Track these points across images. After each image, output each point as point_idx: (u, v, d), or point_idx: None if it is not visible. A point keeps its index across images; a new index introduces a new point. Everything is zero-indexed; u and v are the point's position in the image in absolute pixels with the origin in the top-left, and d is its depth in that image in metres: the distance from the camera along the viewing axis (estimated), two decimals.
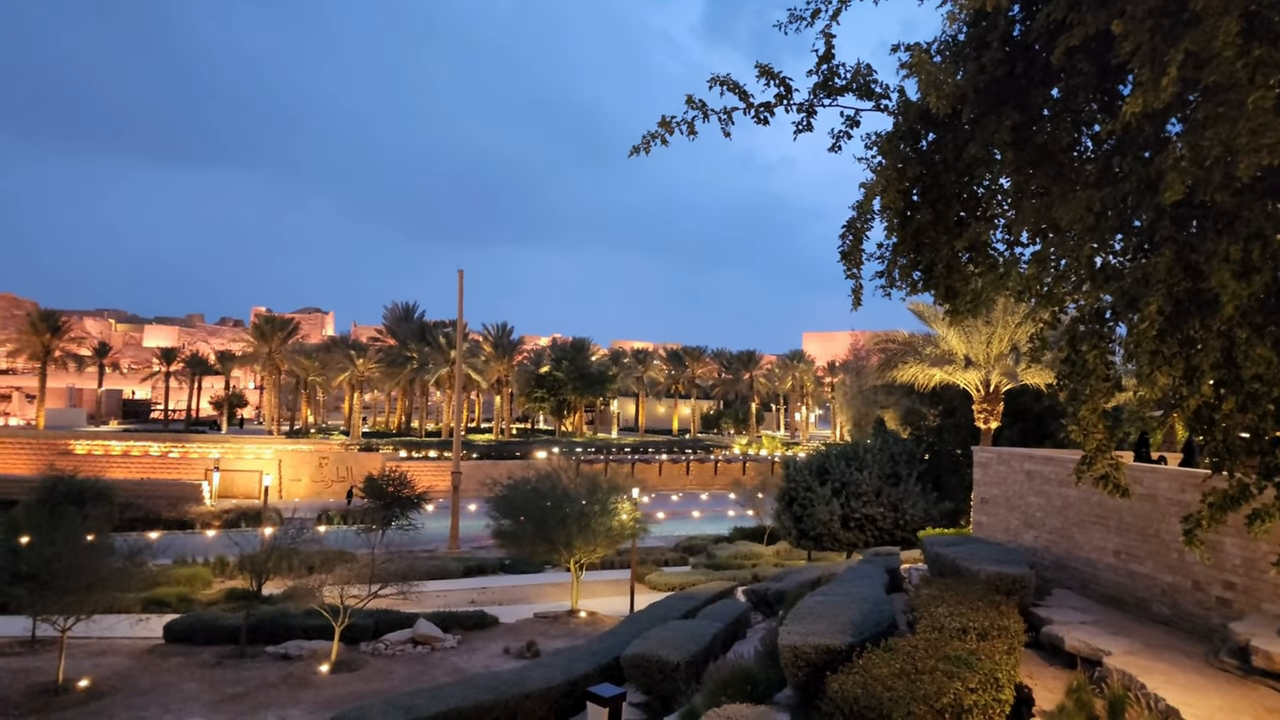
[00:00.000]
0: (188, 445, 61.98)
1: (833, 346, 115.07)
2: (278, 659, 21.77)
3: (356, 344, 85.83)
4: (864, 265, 6.80)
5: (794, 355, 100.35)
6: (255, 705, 18.19)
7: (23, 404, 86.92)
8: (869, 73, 6.36)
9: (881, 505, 29.91)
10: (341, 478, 60.39)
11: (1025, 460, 14.79)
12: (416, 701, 14.01)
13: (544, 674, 15.93)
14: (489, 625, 25.94)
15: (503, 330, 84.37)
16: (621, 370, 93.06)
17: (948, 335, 26.37)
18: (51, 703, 18.20)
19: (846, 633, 9.67)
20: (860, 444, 32.24)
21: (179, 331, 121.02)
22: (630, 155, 6.41)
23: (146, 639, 23.47)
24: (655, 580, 32.90)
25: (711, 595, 23.79)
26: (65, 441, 61.15)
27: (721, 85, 6.11)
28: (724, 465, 72.61)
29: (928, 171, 6.36)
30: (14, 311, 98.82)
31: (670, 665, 14.10)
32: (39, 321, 77.55)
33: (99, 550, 21.28)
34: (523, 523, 28.54)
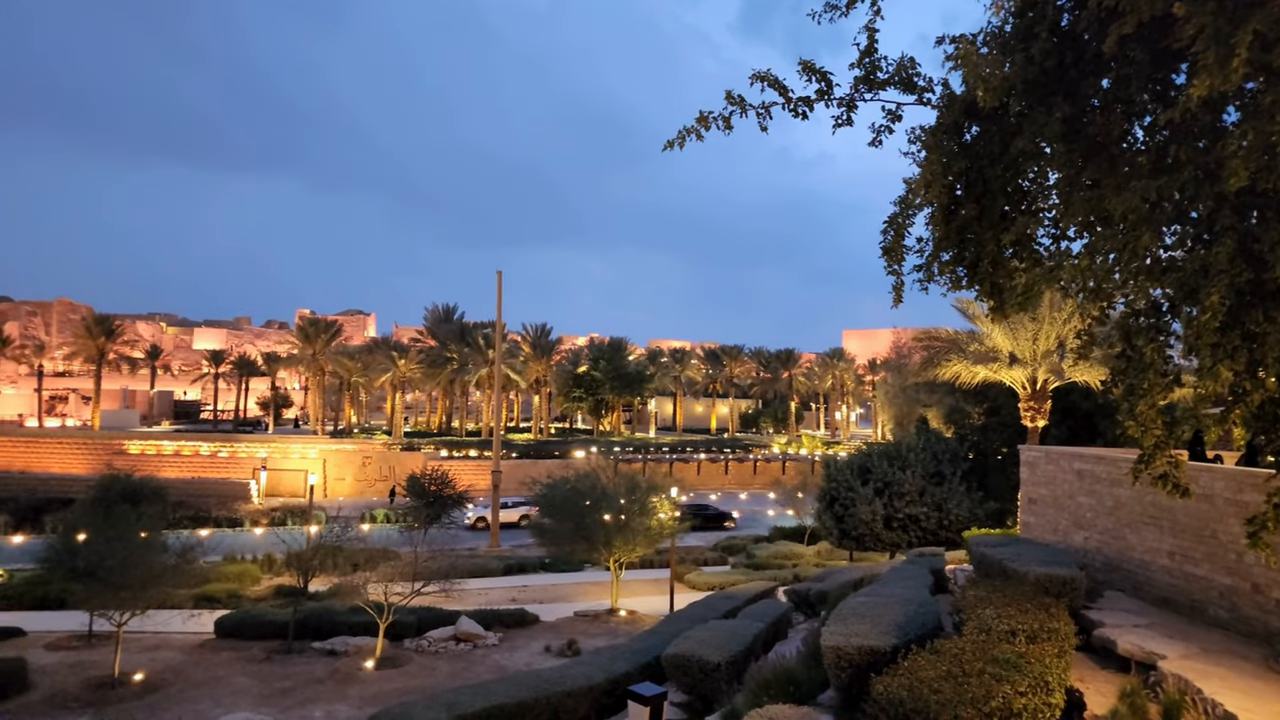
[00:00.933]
0: (236, 445, 63.36)
1: (873, 344, 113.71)
2: (324, 655, 22.17)
3: (398, 345, 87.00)
4: (905, 261, 6.71)
5: (834, 353, 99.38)
6: (303, 700, 18.54)
7: (79, 405, 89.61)
8: (912, 66, 6.26)
9: (925, 505, 29.48)
10: (384, 477, 61.25)
11: (1075, 459, 14.46)
12: (460, 698, 14.15)
13: (585, 672, 15.99)
14: (530, 623, 26.12)
15: (541, 330, 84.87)
16: (659, 370, 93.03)
17: (992, 332, 25.89)
18: (108, 695, 18.75)
19: (891, 634, 9.54)
20: (903, 443, 31.78)
21: (227, 334, 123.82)
22: (665, 149, 6.38)
23: (198, 634, 24.07)
24: (695, 580, 32.84)
25: (752, 595, 23.67)
26: (120, 442, 62.92)
27: (762, 81, 6.06)
28: (763, 465, 72.19)
29: (972, 165, 6.24)
30: (70, 316, 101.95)
31: (711, 665, 14.05)
32: (94, 325, 79.94)
33: (152, 547, 21.86)
34: (562, 521, 28.69)
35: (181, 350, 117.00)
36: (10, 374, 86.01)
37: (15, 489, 53.38)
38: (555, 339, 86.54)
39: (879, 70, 6.28)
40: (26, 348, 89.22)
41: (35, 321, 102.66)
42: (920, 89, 6.33)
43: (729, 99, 6.09)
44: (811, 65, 6.18)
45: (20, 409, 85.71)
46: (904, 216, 6.45)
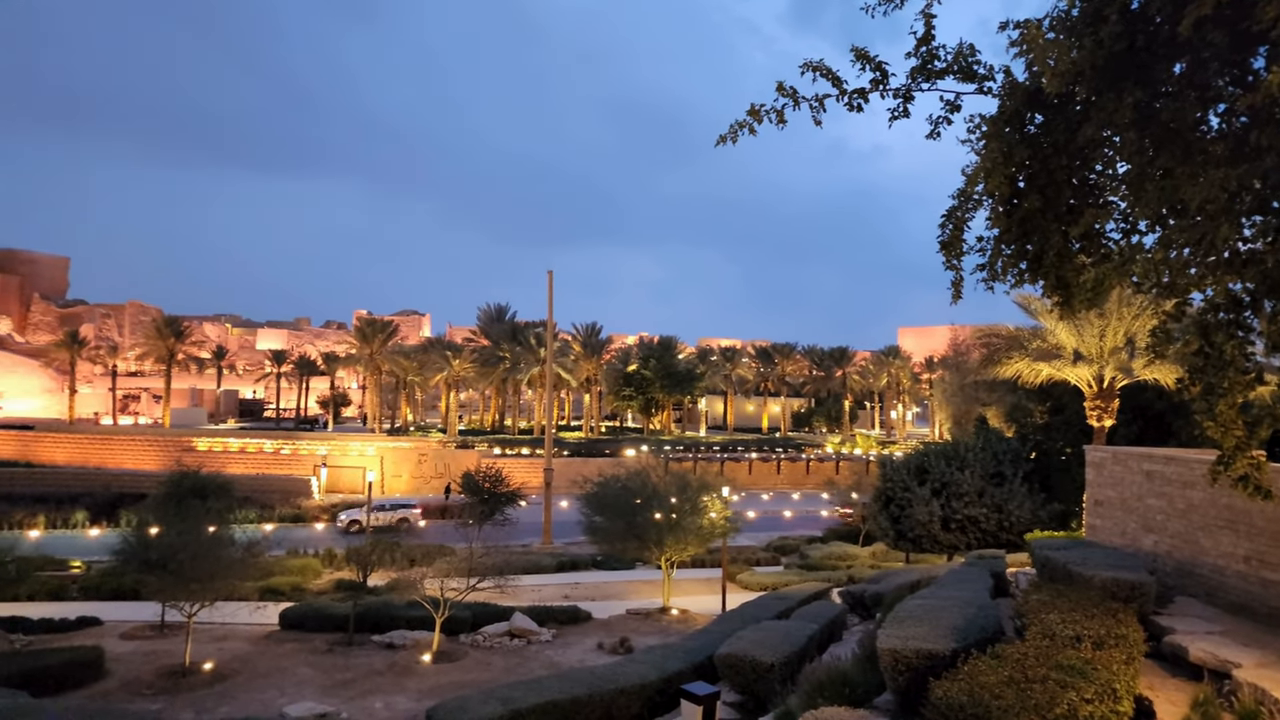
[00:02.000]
0: (297, 443, 65.07)
1: (930, 342, 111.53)
2: (383, 648, 22.63)
3: (452, 345, 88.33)
4: (965, 256, 6.53)
5: (889, 351, 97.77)
6: (364, 691, 18.95)
7: (150, 404, 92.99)
8: (971, 53, 6.08)
9: (984, 506, 28.80)
10: (439, 474, 62.26)
11: (1144, 460, 13.97)
12: (514, 693, 14.30)
13: (638, 670, 16.01)
14: (582, 620, 26.27)
15: (591, 330, 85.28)
16: (709, 368, 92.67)
17: (1056, 328, 25.15)
18: (180, 683, 19.42)
19: (950, 637, 9.34)
20: (961, 442, 31.08)
21: (288, 334, 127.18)
22: (717, 144, 6.31)
23: (263, 625, 24.78)
24: (747, 580, 32.64)
25: (806, 596, 23.42)
26: (188, 439, 65.16)
27: (814, 71, 5.95)
28: (816, 464, 71.39)
29: (1036, 156, 6.03)
30: (141, 318, 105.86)
31: (765, 665, 13.94)
32: (164, 327, 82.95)
33: (220, 541, 22.57)
34: (614, 519, 28.78)
35: (245, 350, 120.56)
36: (86, 374, 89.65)
37: (92, 484, 55.70)
38: (605, 338, 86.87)
39: (937, 59, 6.11)
40: (101, 349, 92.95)
41: (109, 323, 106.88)
42: (980, 77, 6.14)
43: (781, 91, 6.00)
44: (865, 53, 6.05)
45: (96, 407, 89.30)
46: (963, 210, 6.27)
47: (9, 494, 47.85)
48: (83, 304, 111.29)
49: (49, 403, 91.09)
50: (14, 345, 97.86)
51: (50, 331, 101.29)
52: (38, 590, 28.06)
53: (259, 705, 17.95)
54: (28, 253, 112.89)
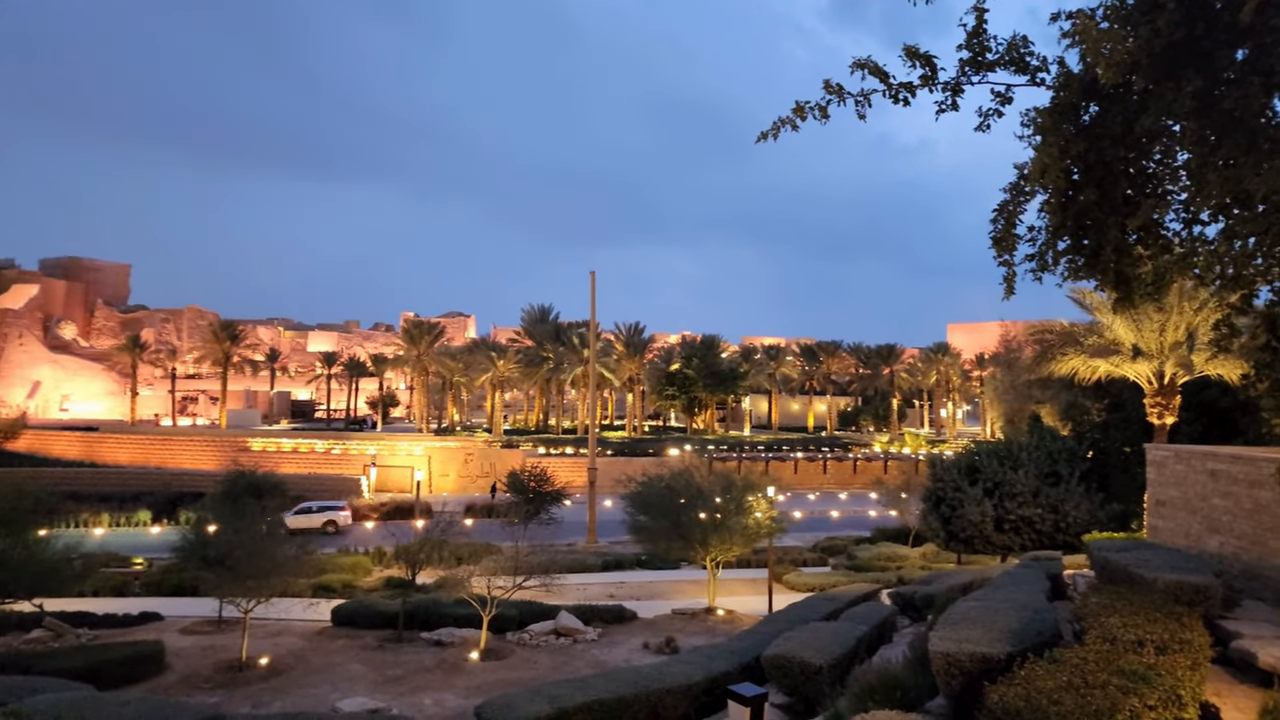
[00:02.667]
0: (348, 443, 66.37)
1: (981, 338, 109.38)
2: (432, 645, 22.94)
3: (496, 345, 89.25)
4: (1018, 251, 6.38)
5: (938, 348, 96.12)
6: (413, 688, 19.24)
7: (207, 405, 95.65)
8: (1024, 45, 5.93)
9: (1039, 507, 28.14)
10: (485, 473, 62.95)
11: (1208, 459, 13.51)
12: (560, 691, 14.38)
13: (684, 670, 15.98)
14: (628, 620, 26.31)
15: (634, 329, 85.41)
16: (753, 367, 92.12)
17: (1113, 323, 24.47)
18: (237, 678, 19.93)
19: (1005, 641, 9.14)
20: (1014, 441, 30.41)
21: (338, 337, 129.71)
22: (758, 140, 6.25)
23: (316, 621, 25.31)
24: (794, 580, 32.38)
25: (854, 597, 23.15)
26: (243, 439, 66.90)
27: (862, 69, 5.86)
28: (864, 464, 70.51)
29: (1092, 148, 5.87)
30: (198, 322, 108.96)
31: (813, 667, 13.81)
32: (220, 330, 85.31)
33: (275, 539, 23.12)
34: (658, 519, 28.77)
35: (297, 353, 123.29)
36: (147, 377, 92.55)
37: (153, 483, 57.52)
38: (648, 337, 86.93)
39: (988, 51, 5.98)
40: (161, 352, 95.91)
41: (168, 328, 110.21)
42: (1033, 69, 5.99)
43: (827, 88, 5.92)
44: (915, 50, 5.94)
45: (156, 409, 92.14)
46: (1015, 204, 6.13)
47: (75, 493, 49.60)
48: (143, 309, 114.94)
49: (112, 405, 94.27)
50: (79, 350, 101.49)
51: (113, 336, 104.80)
52: (102, 586, 29.05)
53: (312, 700, 18.33)
54: (91, 260, 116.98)
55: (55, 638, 23.25)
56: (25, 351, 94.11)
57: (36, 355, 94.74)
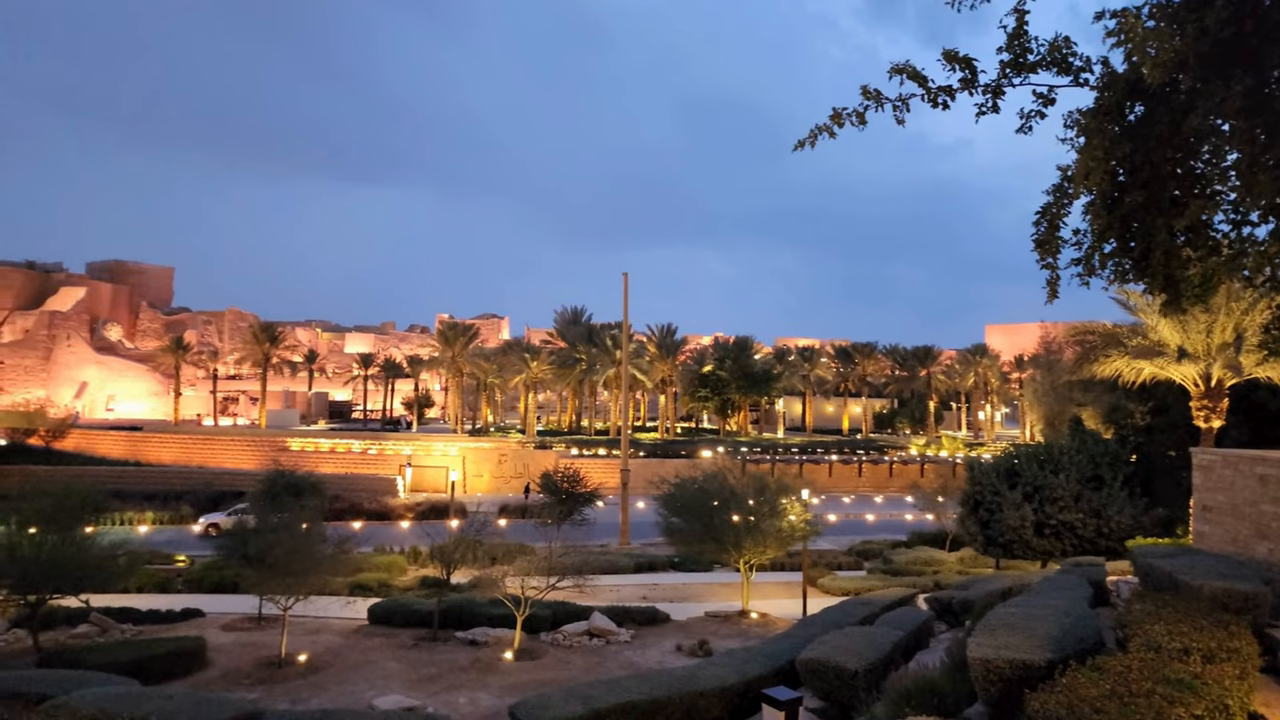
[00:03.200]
0: (384, 443, 67.17)
1: (1020, 340, 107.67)
2: (466, 644, 23.14)
3: (530, 347, 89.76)
4: (1061, 254, 6.28)
5: (976, 349, 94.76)
6: (448, 686, 19.42)
7: (247, 406, 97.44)
8: (1067, 45, 5.84)
9: (1081, 511, 27.62)
10: (519, 474, 63.32)
11: (1257, 463, 13.17)
12: (594, 692, 14.43)
13: (717, 673, 15.94)
14: (660, 621, 26.30)
15: (666, 331, 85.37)
16: (786, 368, 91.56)
17: (1158, 324, 23.96)
18: (276, 674, 20.28)
19: (1045, 648, 9.01)
20: (1055, 444, 29.89)
21: (374, 338, 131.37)
22: (795, 149, 6.23)
23: (353, 619, 25.66)
24: (828, 584, 32.13)
25: (890, 602, 22.91)
26: (282, 439, 68.01)
27: (900, 74, 5.81)
28: (900, 467, 69.74)
29: (1138, 149, 5.76)
30: (239, 324, 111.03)
31: (849, 672, 13.72)
32: (260, 332, 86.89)
33: (313, 538, 23.50)
34: (691, 521, 28.72)
35: (334, 354, 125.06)
36: (189, 377, 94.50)
37: (195, 482, 58.71)
38: (680, 339, 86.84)
39: (1029, 52, 5.89)
40: (203, 354, 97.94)
41: (210, 329, 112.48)
42: (1076, 69, 5.90)
43: (865, 94, 5.88)
44: (954, 54, 5.86)
45: (198, 409, 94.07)
46: (1059, 206, 6.03)
47: (120, 491, 50.75)
48: (186, 311, 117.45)
49: (155, 405, 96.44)
50: (124, 351, 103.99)
51: (157, 338, 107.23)
52: (146, 583, 29.72)
53: (349, 697, 18.59)
54: (136, 264, 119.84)
55: (101, 633, 23.87)
56: (73, 353, 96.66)
57: (83, 356, 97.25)
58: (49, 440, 67.05)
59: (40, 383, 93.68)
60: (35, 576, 20.45)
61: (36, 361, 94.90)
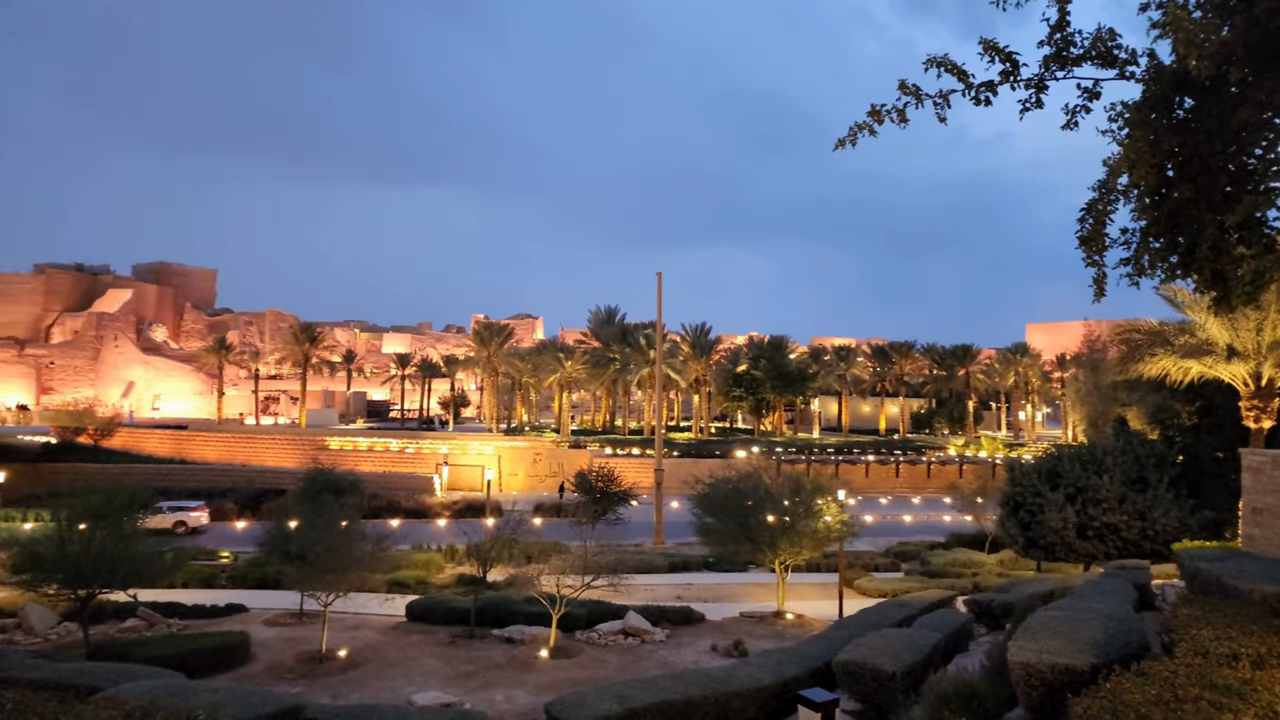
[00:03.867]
0: (420, 442, 67.94)
1: (1062, 338, 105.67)
2: (502, 641, 23.33)
3: (564, 347, 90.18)
4: (1108, 251, 6.15)
5: (1016, 348, 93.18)
6: (485, 683, 19.59)
7: (288, 405, 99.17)
8: (1111, 38, 5.71)
9: (1125, 513, 27.04)
10: (554, 473, 63.65)
11: None
12: (629, 691, 14.46)
13: (752, 674, 15.88)
14: (695, 621, 26.28)
15: (700, 330, 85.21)
16: (822, 368, 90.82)
17: (1206, 322, 23.35)
18: (317, 669, 20.63)
19: (1088, 652, 8.85)
20: (1098, 445, 29.28)
21: (411, 338, 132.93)
22: (835, 149, 6.18)
23: (391, 616, 25.99)
24: (865, 585, 31.85)
25: (928, 604, 22.65)
26: (322, 438, 69.13)
27: (938, 67, 5.72)
28: (937, 467, 68.86)
29: (1186, 142, 5.61)
30: (279, 325, 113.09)
31: (886, 674, 13.59)
32: (299, 333, 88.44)
33: (353, 535, 23.85)
34: (726, 521, 28.65)
35: (372, 354, 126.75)
36: (232, 377, 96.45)
37: (238, 480, 59.89)
38: (714, 338, 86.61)
39: (1072, 45, 5.77)
40: (245, 354, 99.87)
41: (251, 330, 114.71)
42: (1121, 62, 5.76)
43: (903, 89, 5.80)
44: (994, 45, 5.77)
45: (240, 408, 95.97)
46: (1105, 203, 5.90)
47: (166, 489, 51.87)
48: (228, 312, 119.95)
49: (199, 404, 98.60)
50: (169, 351, 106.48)
51: (200, 338, 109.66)
52: (191, 578, 30.42)
53: (389, 693, 18.84)
54: (180, 266, 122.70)
55: (148, 627, 24.48)
56: (120, 353, 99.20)
57: (130, 357, 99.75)
58: (97, 439, 68.83)
59: (89, 382, 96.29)
60: (85, 572, 21.02)
61: (85, 362, 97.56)
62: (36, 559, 21.35)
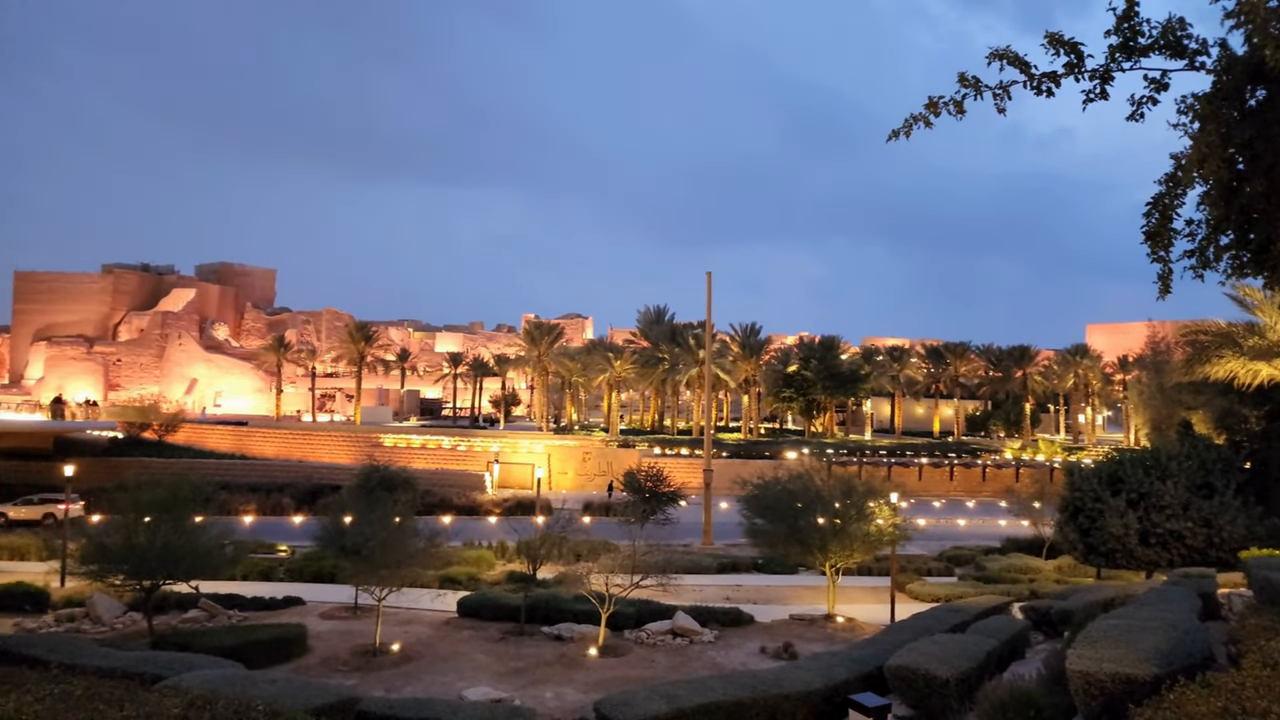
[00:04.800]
0: (472, 440, 68.84)
1: (1124, 339, 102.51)
2: (551, 639, 23.52)
3: (613, 346, 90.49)
4: (1174, 246, 5.94)
5: (1076, 349, 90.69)
6: (535, 680, 19.78)
7: (343, 402, 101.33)
8: (1181, 27, 5.51)
9: (1190, 520, 26.12)
10: (603, 472, 63.91)
11: None
12: (678, 692, 14.46)
13: (802, 677, 15.75)
14: (744, 623, 26.15)
15: (750, 330, 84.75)
16: (874, 369, 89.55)
17: (1277, 324, 22.47)
18: (371, 662, 21.06)
19: (1150, 662, 8.58)
20: (1162, 450, 28.33)
21: (463, 337, 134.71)
22: (889, 140, 6.08)
23: (443, 612, 26.40)
24: (917, 590, 31.33)
25: (983, 610, 22.19)
26: (376, 435, 70.50)
27: (1001, 59, 5.59)
28: (993, 471, 67.38)
29: (1259, 135, 5.39)
30: (335, 323, 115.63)
31: (939, 680, 13.36)
32: (355, 332, 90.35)
33: (406, 531, 24.28)
34: (776, 523, 28.44)
35: (425, 353, 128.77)
36: (289, 375, 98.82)
37: (295, 475, 61.41)
38: (764, 338, 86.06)
39: (1140, 35, 5.58)
40: (302, 352, 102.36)
41: (308, 329, 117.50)
42: (1191, 53, 5.56)
43: (962, 81, 5.69)
44: (1059, 37, 5.62)
45: (298, 405, 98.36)
46: (1172, 197, 5.70)
47: (227, 483, 53.47)
48: (287, 311, 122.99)
49: (258, 401, 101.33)
50: (230, 350, 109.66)
51: (260, 337, 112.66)
52: (250, 571, 31.27)
53: (440, 687, 19.12)
54: (241, 266, 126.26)
55: (209, 618, 25.26)
56: (184, 351, 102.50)
57: (194, 355, 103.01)
58: (162, 434, 71.21)
59: (154, 379, 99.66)
60: (150, 563, 21.74)
61: (150, 359, 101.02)
62: (104, 550, 22.12)
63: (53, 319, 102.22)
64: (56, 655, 15.69)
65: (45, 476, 54.62)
